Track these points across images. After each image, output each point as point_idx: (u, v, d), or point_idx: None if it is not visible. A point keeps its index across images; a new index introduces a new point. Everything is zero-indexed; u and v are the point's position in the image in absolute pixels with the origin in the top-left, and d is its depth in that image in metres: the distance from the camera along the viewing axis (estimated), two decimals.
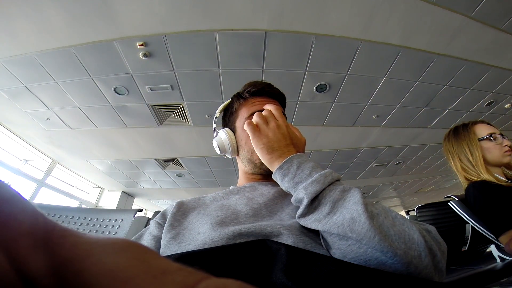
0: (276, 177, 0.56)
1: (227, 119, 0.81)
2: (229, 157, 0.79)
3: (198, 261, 0.33)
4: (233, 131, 0.77)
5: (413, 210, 1.54)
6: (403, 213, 10.10)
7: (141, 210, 1.39)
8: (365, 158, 4.85)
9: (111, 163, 4.67)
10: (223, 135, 0.76)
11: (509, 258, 1.08)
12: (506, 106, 3.63)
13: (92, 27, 2.19)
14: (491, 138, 1.19)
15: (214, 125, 0.85)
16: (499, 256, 1.14)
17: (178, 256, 0.35)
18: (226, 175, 5.24)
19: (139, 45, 2.34)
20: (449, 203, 1.23)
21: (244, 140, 0.74)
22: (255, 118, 0.63)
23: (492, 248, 1.20)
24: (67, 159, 4.59)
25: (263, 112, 0.65)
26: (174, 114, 3.35)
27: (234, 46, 2.44)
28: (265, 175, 0.73)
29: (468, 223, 1.13)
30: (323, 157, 4.66)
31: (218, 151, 0.78)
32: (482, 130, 1.23)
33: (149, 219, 1.28)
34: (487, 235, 1.03)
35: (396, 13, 2.24)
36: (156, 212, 1.24)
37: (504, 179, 1.11)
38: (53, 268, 0.15)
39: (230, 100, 0.83)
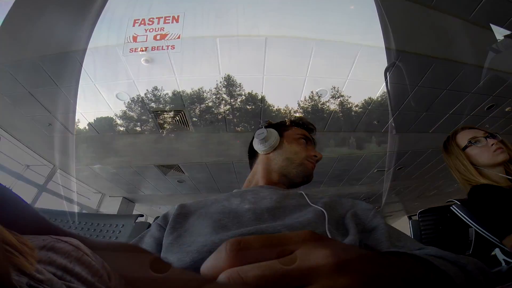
0: None
1: (278, 127, 0.94)
2: (263, 149, 0.88)
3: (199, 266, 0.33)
4: (280, 135, 0.90)
5: (416, 215, 1.52)
6: (405, 218, 10.00)
7: (142, 216, 1.38)
8: (366, 164, 4.83)
9: (112, 169, 4.67)
10: (274, 133, 0.89)
11: None
12: (507, 109, 3.63)
13: (95, 32, 2.22)
14: (472, 143, 1.18)
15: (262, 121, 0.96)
16: (504, 259, 1.13)
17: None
18: (227, 181, 5.22)
19: (141, 51, 2.37)
20: (451, 207, 1.22)
21: (287, 151, 0.87)
22: None
23: (497, 252, 1.18)
24: (68, 165, 4.59)
25: None
26: (175, 121, 3.37)
27: (235, 52, 2.46)
28: (283, 183, 0.82)
29: (471, 227, 1.12)
30: (323, 163, 4.64)
31: (262, 137, 0.87)
32: (462, 139, 1.21)
33: (149, 225, 1.27)
34: (491, 239, 1.02)
35: (395, 18, 2.26)
36: (157, 217, 1.23)
37: (507, 177, 1.09)
38: (56, 270, 0.15)
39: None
